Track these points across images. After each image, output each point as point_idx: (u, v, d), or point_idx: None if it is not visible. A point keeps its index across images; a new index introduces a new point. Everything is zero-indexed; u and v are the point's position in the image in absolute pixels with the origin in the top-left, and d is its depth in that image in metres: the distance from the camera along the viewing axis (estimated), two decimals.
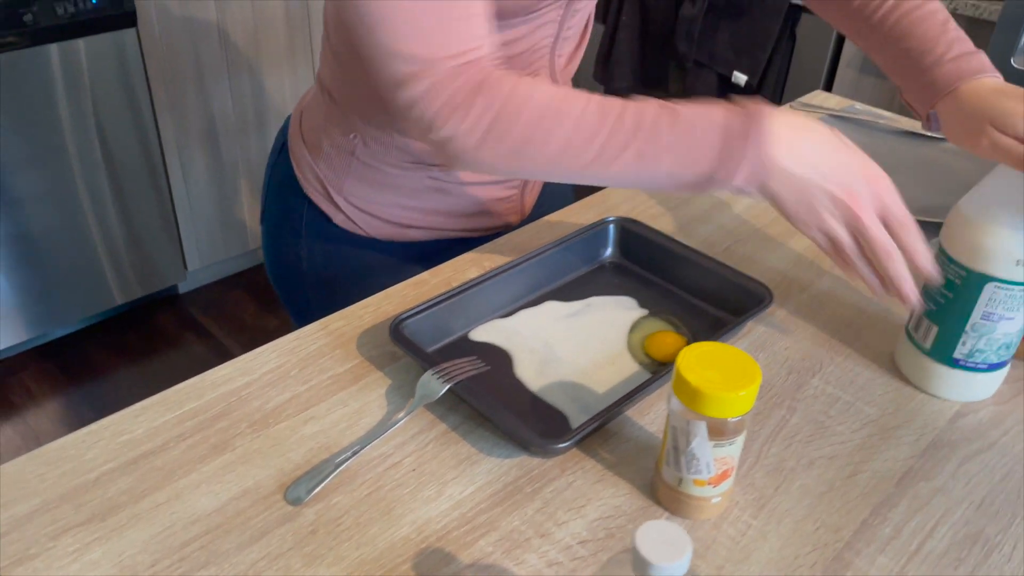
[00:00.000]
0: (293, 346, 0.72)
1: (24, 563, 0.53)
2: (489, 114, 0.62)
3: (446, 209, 0.88)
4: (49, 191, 1.91)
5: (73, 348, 2.15)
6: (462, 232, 0.91)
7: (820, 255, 0.88)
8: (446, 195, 0.87)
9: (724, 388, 0.53)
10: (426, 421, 0.65)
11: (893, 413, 0.68)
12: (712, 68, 2.08)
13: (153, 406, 0.66)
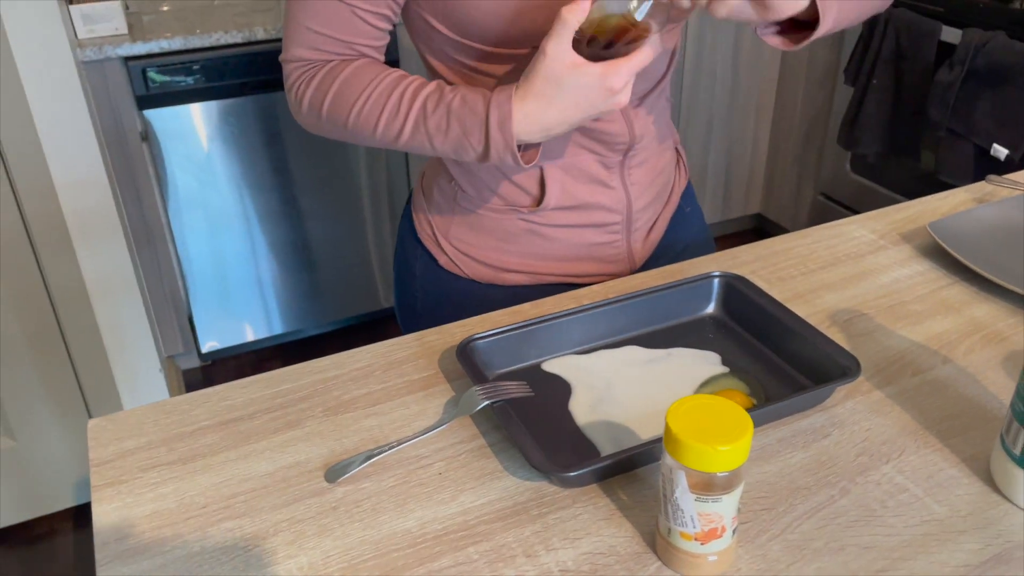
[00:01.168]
0: (387, 350, 0.81)
1: (114, 485, 0.66)
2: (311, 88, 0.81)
3: (541, 252, 0.92)
4: (325, 207, 2.23)
5: (317, 347, 2.46)
6: (563, 278, 0.94)
7: (952, 343, 0.79)
8: (541, 238, 0.91)
9: (706, 440, 0.52)
10: (468, 433, 0.70)
11: (964, 517, 0.61)
12: (969, 139, 1.90)
13: (258, 382, 0.77)
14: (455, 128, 0.77)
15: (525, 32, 0.77)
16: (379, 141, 0.81)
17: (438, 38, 0.82)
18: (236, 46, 1.95)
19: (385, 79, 0.80)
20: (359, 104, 0.80)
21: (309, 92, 0.82)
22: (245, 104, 2.03)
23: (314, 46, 0.81)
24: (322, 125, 0.83)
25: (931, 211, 1.03)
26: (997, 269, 0.87)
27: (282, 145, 2.11)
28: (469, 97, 0.77)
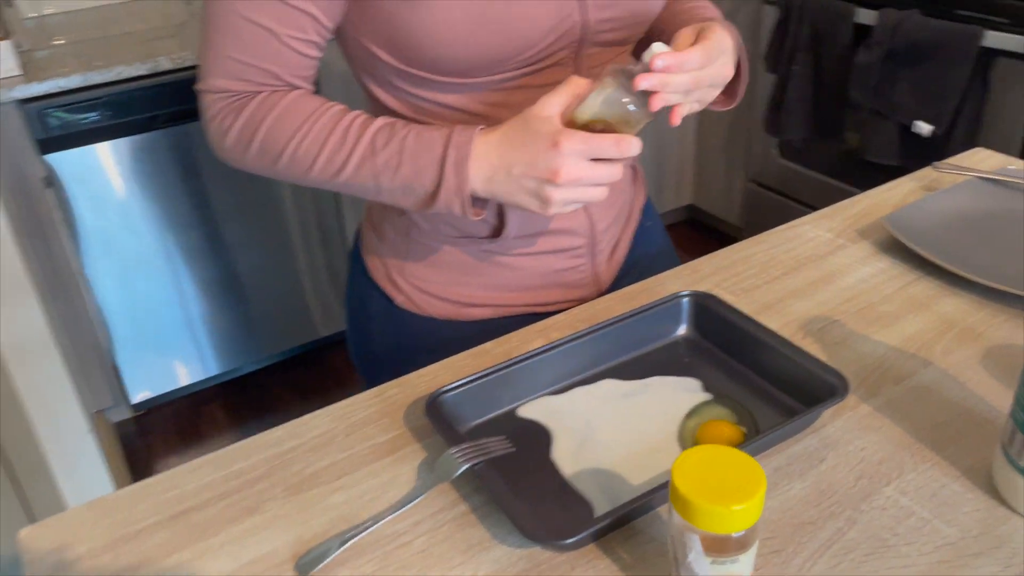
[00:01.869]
0: (345, 412, 0.75)
1: None
2: (241, 120, 0.74)
3: (505, 283, 0.88)
4: (252, 238, 2.13)
5: (257, 383, 2.36)
6: (529, 308, 0.90)
7: (928, 343, 0.78)
8: (503, 268, 0.87)
9: (720, 500, 0.48)
10: (448, 500, 0.65)
11: (977, 537, 0.59)
12: (892, 118, 1.93)
13: (207, 464, 0.70)
14: (407, 167, 0.72)
15: (478, 59, 0.72)
16: (314, 179, 0.75)
17: (382, 67, 0.76)
18: (141, 78, 1.84)
19: (327, 112, 0.74)
20: (298, 138, 0.73)
21: (238, 125, 0.75)
22: (156, 139, 1.92)
23: (239, 76, 0.74)
24: (247, 160, 0.77)
25: (882, 203, 1.02)
26: (958, 261, 0.86)
27: (200, 178, 2.01)
28: (426, 134, 0.71)
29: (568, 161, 0.66)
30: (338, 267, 2.30)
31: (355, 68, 0.80)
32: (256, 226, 2.13)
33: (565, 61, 0.76)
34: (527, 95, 0.77)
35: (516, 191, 0.69)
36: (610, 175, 0.68)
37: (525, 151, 0.68)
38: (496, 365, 0.73)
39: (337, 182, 0.75)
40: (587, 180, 0.67)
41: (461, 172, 0.70)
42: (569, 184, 0.67)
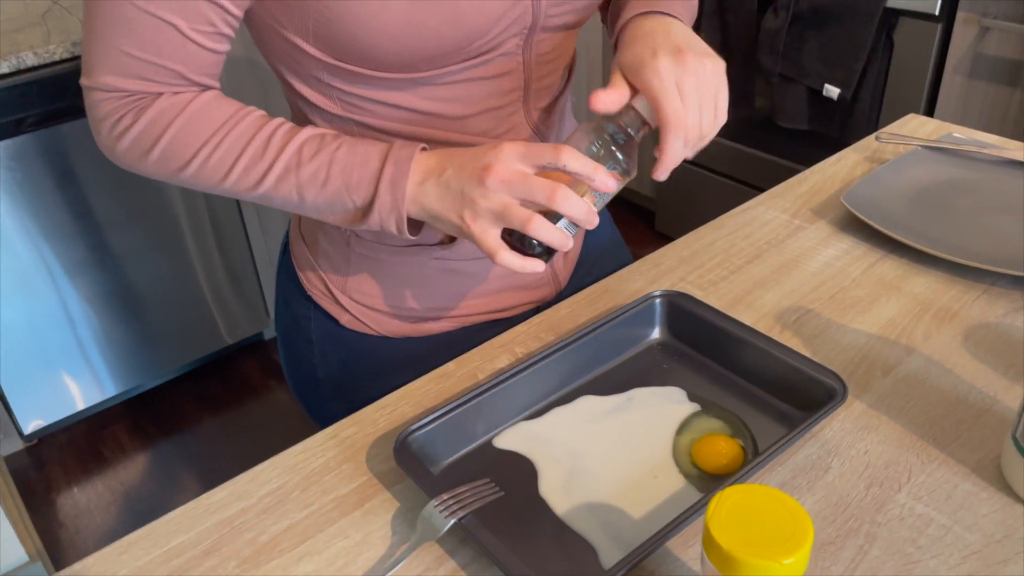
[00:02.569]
0: (297, 461, 0.66)
1: None
2: (142, 124, 0.64)
3: (462, 291, 0.80)
4: (143, 247, 1.96)
5: (162, 399, 2.19)
6: (487, 315, 0.82)
7: (907, 328, 0.75)
8: (458, 275, 0.79)
9: (766, 553, 0.43)
10: (433, 557, 0.57)
11: (1000, 541, 0.56)
12: (801, 82, 1.93)
13: (139, 541, 0.60)
14: (336, 180, 0.63)
15: (421, 53, 0.63)
16: (226, 189, 0.66)
17: (308, 62, 0.66)
18: (3, 77, 1.64)
19: (245, 118, 0.65)
20: (211, 145, 0.64)
21: (137, 128, 0.64)
22: (25, 144, 1.72)
23: (136, 75, 0.63)
24: (145, 165, 0.66)
25: (830, 178, 0.99)
26: (922, 237, 0.84)
27: (78, 184, 1.82)
28: (360, 147, 0.63)
29: (504, 159, 0.59)
30: (239, 270, 2.15)
31: (272, 61, 0.70)
32: (146, 233, 1.96)
33: (514, 50, 0.69)
34: (474, 88, 0.69)
35: (442, 196, 0.62)
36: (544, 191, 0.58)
37: (466, 155, 0.62)
38: (465, 393, 0.66)
39: (255, 194, 0.66)
40: (518, 188, 0.58)
41: (398, 190, 0.62)
42: (496, 186, 0.59)
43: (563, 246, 0.61)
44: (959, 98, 1.77)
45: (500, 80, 0.69)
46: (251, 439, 2.02)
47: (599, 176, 0.59)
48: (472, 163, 0.60)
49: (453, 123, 0.70)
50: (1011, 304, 0.77)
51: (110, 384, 2.05)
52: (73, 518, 1.88)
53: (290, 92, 0.71)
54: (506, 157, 0.59)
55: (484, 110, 0.70)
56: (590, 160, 0.59)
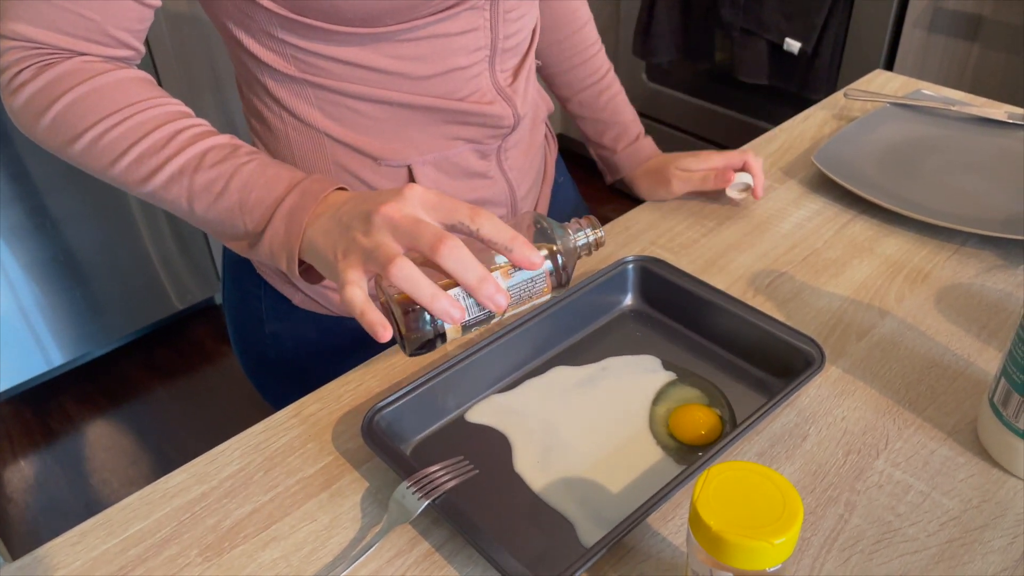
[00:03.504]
0: (259, 441, 0.63)
1: None
2: (40, 82, 0.58)
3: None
4: (84, 210, 1.87)
5: (110, 368, 2.13)
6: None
7: (880, 290, 0.74)
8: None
9: (756, 533, 0.41)
10: (406, 539, 0.55)
11: (978, 507, 0.55)
12: (762, 36, 1.91)
13: (94, 530, 0.57)
14: (232, 196, 0.58)
15: (386, 5, 0.59)
16: (114, 178, 0.60)
17: (261, 15, 0.61)
18: None
19: (161, 106, 0.59)
20: (109, 122, 0.58)
21: (35, 84, 0.58)
22: None
23: (48, 24, 0.57)
24: (37, 130, 0.60)
25: (799, 136, 0.98)
26: (893, 196, 0.83)
27: (13, 145, 1.73)
28: (272, 169, 0.58)
29: (404, 200, 0.50)
30: (187, 234, 2.07)
31: (216, 15, 0.64)
32: (88, 196, 1.87)
33: (482, 4, 0.65)
34: (439, 45, 0.65)
35: (329, 229, 0.53)
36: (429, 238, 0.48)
37: (372, 195, 0.53)
38: (434, 367, 0.63)
39: (143, 190, 0.59)
40: (404, 228, 0.49)
41: (294, 223, 0.56)
42: (381, 223, 0.50)
43: (445, 315, 0.49)
44: (918, 52, 1.76)
45: (466, 37, 0.66)
46: (206, 407, 1.98)
47: (518, 248, 0.49)
48: (374, 199, 0.52)
49: (416, 84, 0.66)
50: (981, 264, 0.76)
51: (56, 353, 1.97)
52: (22, 492, 1.82)
53: (238, 50, 0.66)
54: (408, 199, 0.51)
55: (449, 70, 0.66)
56: (507, 228, 0.50)
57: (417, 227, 0.49)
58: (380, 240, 0.49)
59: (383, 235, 0.50)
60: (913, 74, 1.79)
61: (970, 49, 1.68)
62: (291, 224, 0.56)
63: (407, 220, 0.49)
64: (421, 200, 0.51)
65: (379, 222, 0.50)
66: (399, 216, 0.49)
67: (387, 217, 0.50)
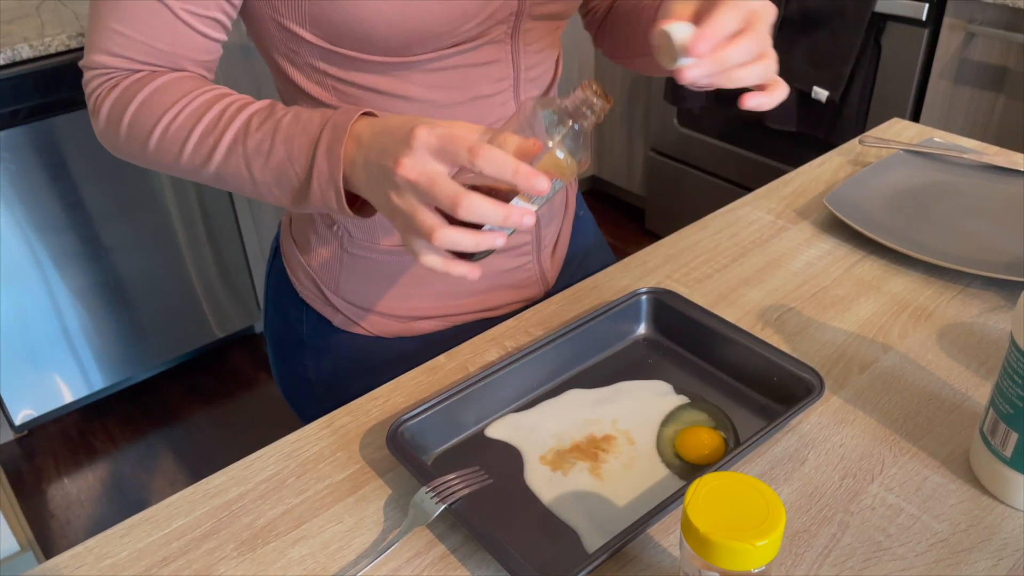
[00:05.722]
0: (293, 449, 0.68)
1: None
2: (113, 96, 0.65)
3: (452, 290, 0.82)
4: (134, 239, 1.97)
5: (153, 391, 2.21)
6: (478, 314, 0.85)
7: (884, 327, 0.77)
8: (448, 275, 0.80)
9: (740, 536, 0.45)
10: (424, 542, 0.59)
11: (966, 530, 0.58)
12: (790, 84, 1.96)
13: (141, 524, 0.62)
14: (279, 150, 0.61)
15: (413, 33, 0.65)
16: (186, 166, 0.65)
17: (304, 49, 0.68)
18: None
19: (206, 92, 0.65)
20: (168, 118, 0.63)
21: (109, 101, 0.65)
22: (18, 136, 1.73)
23: (122, 53, 0.64)
24: (121, 143, 0.66)
25: (814, 180, 1.02)
26: (901, 238, 0.87)
27: (70, 176, 1.83)
28: (305, 114, 0.61)
29: (415, 154, 0.53)
30: (230, 263, 2.16)
31: (267, 50, 0.71)
32: (136, 226, 1.97)
33: (502, 38, 0.71)
34: (464, 75, 0.71)
35: (368, 182, 0.57)
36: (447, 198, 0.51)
37: (388, 135, 0.56)
38: (455, 385, 0.68)
39: (208, 172, 0.64)
40: (423, 188, 0.52)
41: (333, 158, 0.58)
42: (404, 184, 0.53)
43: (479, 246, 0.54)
44: (945, 102, 1.80)
45: (489, 68, 0.71)
46: (241, 431, 2.04)
47: (521, 180, 0.51)
48: (390, 149, 0.54)
49: (444, 111, 0.72)
50: (984, 304, 0.79)
51: (99, 377, 2.06)
52: (64, 509, 1.89)
53: (284, 82, 0.73)
54: (417, 150, 0.53)
55: (475, 97, 0.72)
56: (510, 160, 0.51)
57: (433, 188, 0.52)
58: (411, 203, 0.53)
59: (410, 197, 0.53)
60: (939, 124, 1.83)
61: (995, 100, 1.71)
62: (331, 160, 0.58)
63: (423, 179, 0.52)
64: (428, 148, 0.53)
65: (401, 184, 0.53)
66: (415, 176, 0.53)
67: (405, 179, 0.53)
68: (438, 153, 0.53)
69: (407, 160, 0.53)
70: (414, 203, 0.53)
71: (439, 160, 0.53)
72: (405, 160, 0.53)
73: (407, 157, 0.53)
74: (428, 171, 0.53)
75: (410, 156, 0.53)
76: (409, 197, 0.54)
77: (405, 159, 0.53)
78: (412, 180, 0.53)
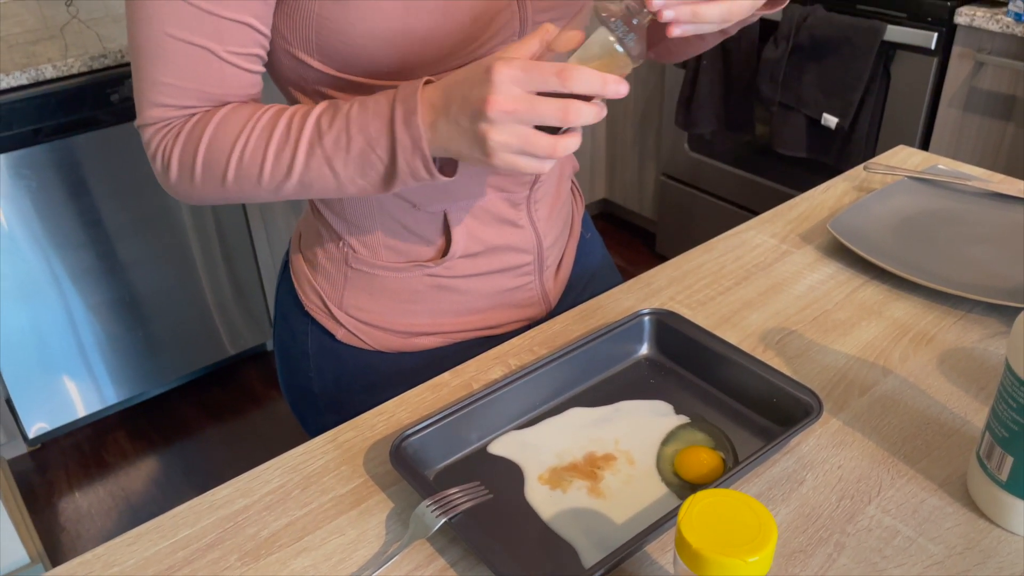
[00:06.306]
0: (298, 462, 0.69)
1: None
2: (179, 145, 0.67)
3: (453, 308, 0.83)
4: (150, 256, 2.00)
5: (165, 406, 2.23)
6: (478, 332, 0.86)
7: (885, 351, 0.78)
8: (450, 292, 0.82)
9: (732, 552, 0.46)
10: (424, 555, 0.60)
11: (962, 553, 0.59)
12: (800, 110, 1.97)
13: (148, 533, 0.63)
14: (358, 140, 0.63)
15: (418, 62, 0.67)
16: (267, 187, 0.67)
17: (312, 75, 0.70)
18: (22, 88, 1.69)
19: (264, 113, 0.67)
20: (240, 144, 0.66)
21: (177, 150, 0.67)
22: (39, 153, 1.77)
23: (175, 102, 0.66)
24: (197, 187, 0.68)
25: (819, 205, 1.03)
26: (903, 263, 0.87)
27: (89, 194, 1.87)
28: (370, 101, 0.63)
29: (500, 89, 0.55)
30: (244, 281, 2.19)
31: (281, 83, 0.74)
32: (153, 243, 2.00)
33: None
34: None
35: (456, 136, 0.59)
36: (558, 114, 0.56)
37: (462, 85, 0.58)
38: (459, 402, 0.69)
39: (291, 184, 0.66)
40: (526, 115, 0.56)
41: (412, 127, 0.60)
42: (502, 119, 0.56)
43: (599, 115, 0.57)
44: (954, 130, 1.81)
45: None
46: (251, 447, 2.05)
47: (610, 89, 0.56)
48: (472, 94, 0.57)
49: None
50: (985, 330, 0.80)
51: (112, 391, 2.08)
52: (74, 522, 1.91)
53: None
54: (501, 84, 0.55)
55: None
56: (597, 74, 0.55)
57: (534, 110, 0.55)
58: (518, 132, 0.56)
59: (512, 127, 0.56)
60: (949, 151, 1.83)
61: (1005, 128, 1.72)
62: (411, 131, 0.61)
63: (521, 105, 0.55)
64: (512, 79, 0.56)
65: (499, 117, 0.56)
66: (511, 106, 0.55)
67: (502, 112, 0.56)
68: (524, 81, 0.56)
69: (495, 96, 0.56)
70: (521, 130, 0.56)
71: (525, 86, 0.56)
72: (493, 97, 0.56)
73: (494, 94, 0.56)
74: (521, 97, 0.56)
75: (496, 91, 0.56)
76: (512, 127, 0.56)
77: (493, 96, 0.56)
78: (509, 110, 0.56)
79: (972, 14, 1.68)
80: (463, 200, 0.77)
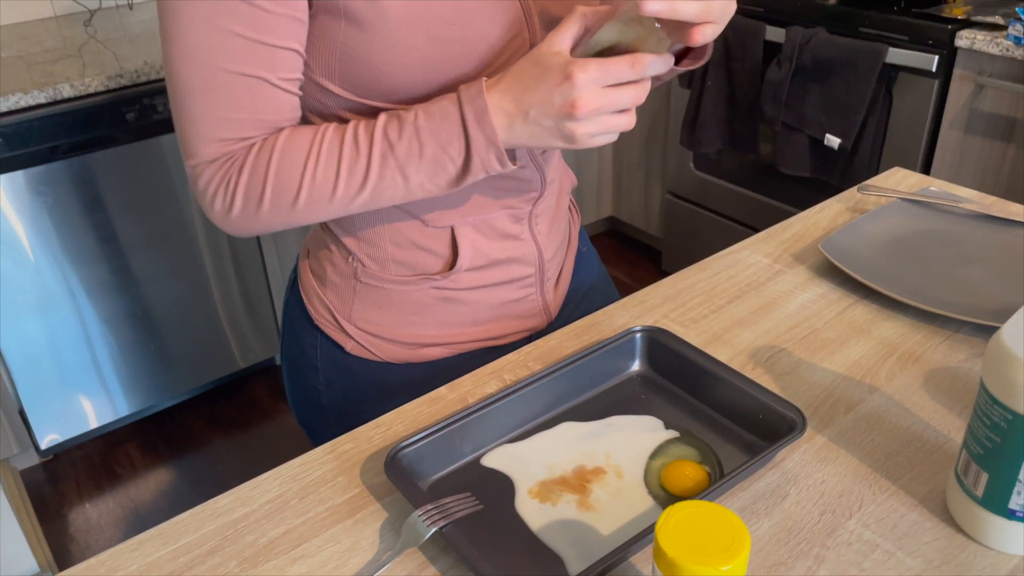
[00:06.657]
0: (297, 472, 0.72)
1: None
2: (244, 178, 0.69)
3: (459, 319, 0.86)
4: (163, 270, 2.03)
5: (175, 419, 2.26)
6: (482, 343, 0.88)
7: (872, 369, 0.80)
8: (456, 304, 0.85)
9: (707, 561, 0.48)
10: (415, 563, 0.62)
11: (939, 567, 0.60)
12: (803, 131, 2.00)
13: (151, 539, 0.66)
14: (430, 145, 0.67)
15: (436, 86, 0.70)
16: (339, 202, 0.70)
17: (332, 101, 0.73)
18: (40, 107, 1.74)
19: (326, 133, 0.69)
20: (311, 166, 0.68)
21: (243, 182, 0.69)
22: (56, 170, 1.81)
23: (234, 135, 0.68)
24: (261, 215, 0.70)
25: (813, 226, 1.05)
26: (893, 284, 0.89)
27: (104, 210, 1.91)
28: (433, 107, 0.67)
29: (584, 92, 0.62)
30: (255, 296, 2.22)
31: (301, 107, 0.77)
32: (166, 258, 2.04)
33: None
34: None
35: (538, 134, 0.66)
36: (634, 97, 0.63)
37: (538, 91, 0.64)
38: (453, 415, 0.71)
39: (364, 195, 0.70)
40: (608, 108, 0.63)
41: (485, 125, 0.65)
42: (589, 116, 0.63)
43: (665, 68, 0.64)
44: (955, 152, 1.82)
45: None
46: (259, 460, 2.08)
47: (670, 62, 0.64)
48: (554, 99, 0.63)
49: None
50: (972, 350, 0.82)
51: (123, 404, 2.11)
52: (84, 532, 1.94)
53: None
54: (584, 87, 0.62)
55: None
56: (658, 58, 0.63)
57: (616, 100, 0.63)
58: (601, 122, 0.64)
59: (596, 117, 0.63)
60: (950, 173, 1.85)
61: (1005, 150, 1.73)
62: (485, 129, 0.66)
63: (606, 101, 0.63)
64: (592, 82, 0.62)
65: (587, 115, 0.63)
66: (596, 105, 0.63)
67: (590, 111, 0.63)
68: (603, 80, 0.62)
69: (581, 100, 0.62)
70: (603, 119, 0.64)
71: (603, 84, 0.62)
72: (580, 101, 0.62)
73: (580, 98, 0.62)
74: (602, 94, 0.63)
75: (581, 95, 0.62)
76: (597, 120, 0.64)
77: (580, 100, 0.62)
78: (596, 108, 0.63)
79: (973, 37, 1.70)
80: (470, 216, 0.80)
